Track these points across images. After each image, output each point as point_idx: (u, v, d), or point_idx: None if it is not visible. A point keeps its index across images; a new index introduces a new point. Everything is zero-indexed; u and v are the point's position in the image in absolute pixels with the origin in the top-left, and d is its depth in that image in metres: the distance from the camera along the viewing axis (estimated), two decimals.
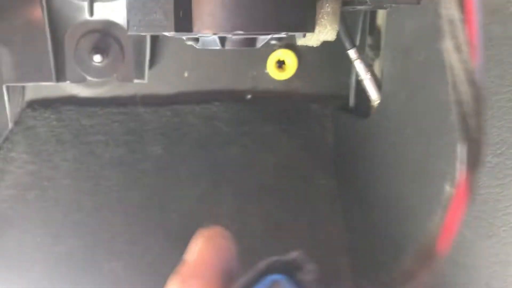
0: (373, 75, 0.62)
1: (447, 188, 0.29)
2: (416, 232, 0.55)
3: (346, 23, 0.62)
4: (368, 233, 0.66)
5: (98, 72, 0.63)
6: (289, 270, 0.28)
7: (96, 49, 0.61)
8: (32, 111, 0.66)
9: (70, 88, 0.67)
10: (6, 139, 0.65)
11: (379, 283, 0.31)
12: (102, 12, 0.61)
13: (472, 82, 0.27)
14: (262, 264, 0.28)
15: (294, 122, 0.73)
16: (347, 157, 0.70)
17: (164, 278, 0.72)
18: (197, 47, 0.46)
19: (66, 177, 0.66)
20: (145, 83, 0.65)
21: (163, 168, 0.68)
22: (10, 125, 0.65)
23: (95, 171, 0.67)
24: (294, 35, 0.54)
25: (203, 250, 0.30)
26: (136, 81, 0.64)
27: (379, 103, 0.62)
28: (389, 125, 0.60)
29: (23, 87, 0.66)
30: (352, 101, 0.70)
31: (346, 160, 0.70)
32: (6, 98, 0.64)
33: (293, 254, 0.28)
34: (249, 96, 0.72)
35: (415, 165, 0.55)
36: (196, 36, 0.44)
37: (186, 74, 0.70)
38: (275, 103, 0.72)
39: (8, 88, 0.63)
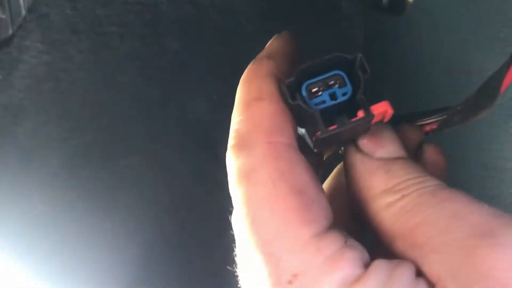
0: None
1: None
2: (449, 135, 0.51)
3: None
4: None
5: None
6: (349, 67, 0.31)
7: None
8: None
9: None
10: (20, 27, 0.63)
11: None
12: None
13: None
14: (328, 56, 0.31)
15: (322, 21, 0.68)
16: (378, 58, 0.65)
17: (180, 175, 0.71)
18: None
19: (81, 69, 0.64)
20: None
21: (180, 64, 0.65)
22: (24, 12, 0.63)
23: (110, 65, 0.64)
24: None
25: (274, 41, 0.37)
26: None
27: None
28: (424, 22, 0.55)
29: None
30: None
31: (376, 61, 0.65)
32: None
33: (356, 55, 0.31)
34: None
35: (451, 62, 0.50)
36: None
37: None
38: None
39: None
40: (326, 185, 0.40)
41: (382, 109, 0.31)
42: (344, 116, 0.31)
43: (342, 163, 0.36)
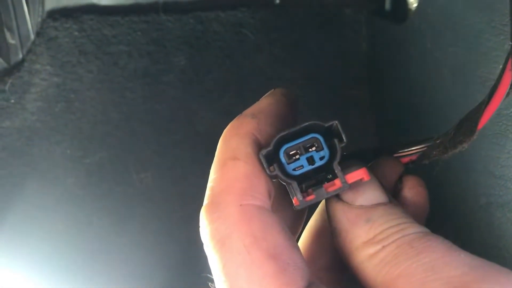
0: None
1: None
2: None
3: None
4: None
5: None
6: (326, 134, 0.32)
7: None
8: (53, 21, 0.64)
9: None
10: (30, 51, 0.64)
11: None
12: None
13: None
14: (304, 124, 0.31)
15: (325, 29, 0.68)
16: (381, 65, 0.66)
17: (192, 187, 0.72)
18: None
19: (91, 89, 0.65)
20: None
21: (188, 79, 0.66)
22: (33, 36, 0.64)
23: (119, 83, 0.65)
24: None
25: (263, 99, 0.35)
26: None
27: (417, 6, 0.57)
28: (427, 29, 0.55)
29: None
30: (388, 4, 0.64)
31: (380, 69, 0.66)
32: (26, 8, 0.62)
33: (332, 122, 0.31)
34: (277, 1, 0.68)
35: (454, 71, 0.51)
36: None
37: None
38: (306, 8, 0.68)
39: None
40: (312, 222, 0.41)
41: (358, 177, 0.31)
42: (321, 187, 0.31)
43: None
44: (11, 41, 0.62)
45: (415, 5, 0.58)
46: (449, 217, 0.51)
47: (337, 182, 0.31)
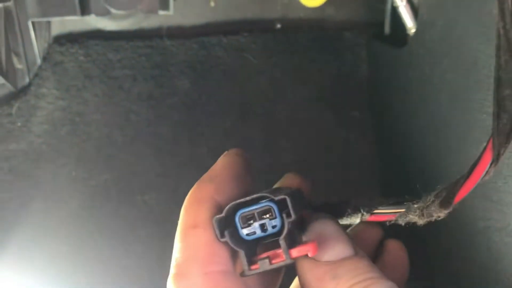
0: (409, 1, 0.58)
1: None
2: (450, 165, 0.53)
3: None
4: (401, 166, 0.65)
5: (122, 4, 0.61)
6: (282, 204, 0.32)
7: None
8: (59, 47, 0.66)
9: (95, 22, 0.66)
10: (36, 75, 0.65)
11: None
12: None
13: None
14: (256, 195, 0.32)
15: (326, 52, 0.70)
16: (381, 88, 0.67)
17: None
18: None
19: (96, 112, 0.66)
20: (170, 15, 0.63)
21: (191, 102, 0.67)
22: (39, 61, 0.65)
23: (124, 106, 0.67)
24: None
25: (219, 161, 0.36)
26: (161, 12, 0.62)
27: (416, 32, 0.58)
28: (426, 55, 0.57)
29: (49, 22, 0.66)
30: (387, 29, 0.65)
31: (380, 92, 0.67)
32: (32, 34, 0.63)
33: (283, 197, 0.32)
34: (279, 26, 0.69)
35: (452, 97, 0.52)
36: None
37: (212, 4, 0.67)
38: (306, 32, 0.69)
39: (33, 23, 0.62)
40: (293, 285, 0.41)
41: (303, 252, 0.31)
42: (266, 258, 0.31)
43: None
44: (18, 66, 0.64)
45: (413, 30, 0.59)
46: (449, 240, 0.51)
47: (282, 256, 0.31)
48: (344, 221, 0.38)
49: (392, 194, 0.65)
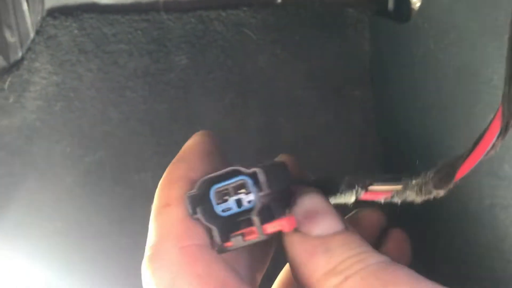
0: None
1: None
2: (454, 142, 0.51)
3: None
4: (403, 145, 0.63)
5: None
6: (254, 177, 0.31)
7: None
8: (52, 20, 0.64)
9: None
10: (29, 49, 0.64)
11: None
12: None
13: None
14: (227, 169, 0.31)
15: (327, 29, 0.68)
16: (384, 65, 0.65)
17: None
18: None
19: (91, 88, 0.65)
20: None
21: (189, 79, 0.65)
22: (32, 34, 0.63)
23: (119, 82, 0.65)
24: None
25: (188, 142, 0.37)
26: None
27: (420, 6, 0.57)
28: (431, 30, 0.55)
29: None
30: (391, 4, 0.64)
31: (382, 69, 0.65)
32: (25, 6, 0.62)
33: (254, 169, 0.31)
34: (279, 0, 0.67)
35: (457, 71, 0.50)
36: None
37: None
38: (308, 7, 0.67)
39: None
40: (280, 277, 0.40)
41: (278, 228, 0.29)
42: (239, 235, 0.30)
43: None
44: (11, 39, 0.62)
45: (418, 4, 0.57)
46: (454, 218, 0.50)
47: (255, 232, 0.30)
48: (338, 199, 0.36)
49: (395, 170, 0.64)
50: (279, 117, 0.67)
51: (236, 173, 0.31)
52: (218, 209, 0.31)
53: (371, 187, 0.34)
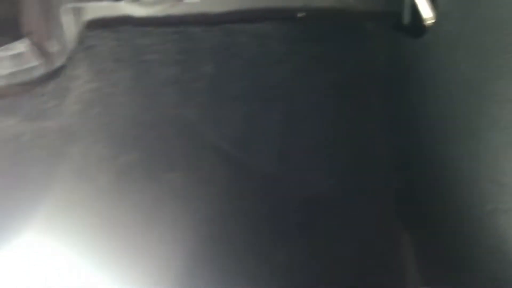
0: None
1: None
2: (464, 153, 0.55)
3: None
4: (417, 152, 0.67)
5: None
6: None
7: None
8: (91, 31, 0.69)
9: (125, 8, 0.69)
10: (69, 58, 0.69)
11: None
12: None
13: None
14: None
15: (346, 41, 0.72)
16: (399, 77, 0.69)
17: (216, 188, 0.76)
18: None
19: (124, 94, 0.70)
20: (197, 2, 0.66)
21: (215, 86, 0.70)
22: (72, 45, 0.69)
23: (151, 89, 0.70)
24: None
25: None
26: (187, 0, 0.65)
27: (433, 22, 0.60)
28: (442, 45, 0.59)
29: (81, 8, 0.69)
30: (406, 19, 0.67)
31: (398, 80, 0.69)
32: (66, 19, 0.67)
33: None
34: (301, 15, 0.71)
35: (466, 86, 0.54)
36: None
37: None
38: (327, 21, 0.71)
39: (67, 9, 0.66)
40: None
41: None
42: None
43: None
44: (53, 49, 0.67)
45: (430, 21, 0.61)
46: (458, 222, 0.54)
47: None
48: None
49: (406, 176, 0.67)
50: (300, 123, 0.71)
51: None
52: None
53: None
